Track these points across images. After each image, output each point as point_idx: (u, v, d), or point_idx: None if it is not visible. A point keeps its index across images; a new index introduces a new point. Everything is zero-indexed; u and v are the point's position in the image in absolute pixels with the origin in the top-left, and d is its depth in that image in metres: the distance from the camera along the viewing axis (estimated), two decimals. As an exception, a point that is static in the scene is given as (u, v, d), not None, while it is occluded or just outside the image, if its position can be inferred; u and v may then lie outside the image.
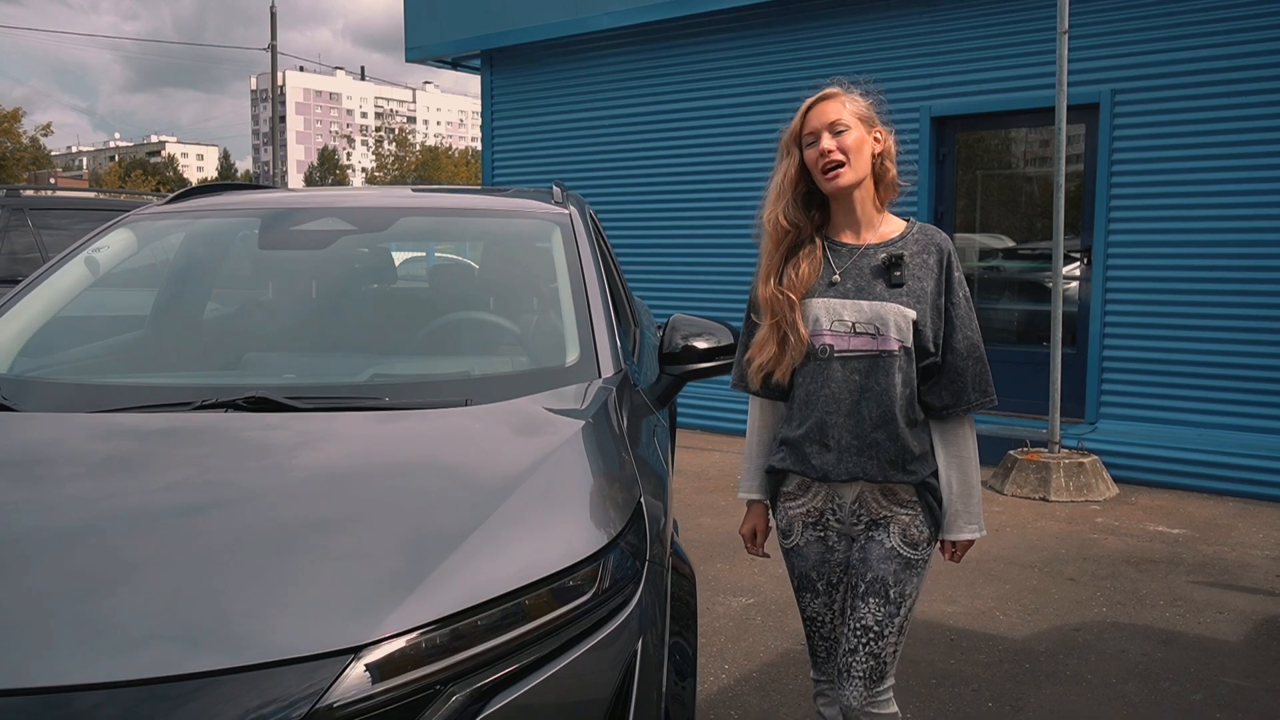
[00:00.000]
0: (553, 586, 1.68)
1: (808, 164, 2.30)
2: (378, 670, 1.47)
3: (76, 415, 2.23)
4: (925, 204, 7.94)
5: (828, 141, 2.25)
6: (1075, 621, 4.34)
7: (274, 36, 31.09)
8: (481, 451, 2.03)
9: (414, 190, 3.73)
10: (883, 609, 2.29)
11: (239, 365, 2.82)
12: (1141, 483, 6.69)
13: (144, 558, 1.62)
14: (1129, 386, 7.12)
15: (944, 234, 2.37)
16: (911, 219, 2.40)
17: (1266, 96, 6.52)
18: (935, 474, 2.34)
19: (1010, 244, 8.11)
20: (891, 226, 2.36)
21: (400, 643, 1.50)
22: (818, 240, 2.33)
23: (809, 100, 2.34)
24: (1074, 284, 7.42)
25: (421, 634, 1.52)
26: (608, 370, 2.54)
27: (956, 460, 2.34)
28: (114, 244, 3.10)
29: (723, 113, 9.06)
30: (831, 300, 2.28)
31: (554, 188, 3.53)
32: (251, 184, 4.19)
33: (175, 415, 2.20)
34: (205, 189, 3.55)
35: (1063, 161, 6.48)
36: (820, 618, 2.46)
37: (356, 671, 1.46)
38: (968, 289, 2.34)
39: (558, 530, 1.79)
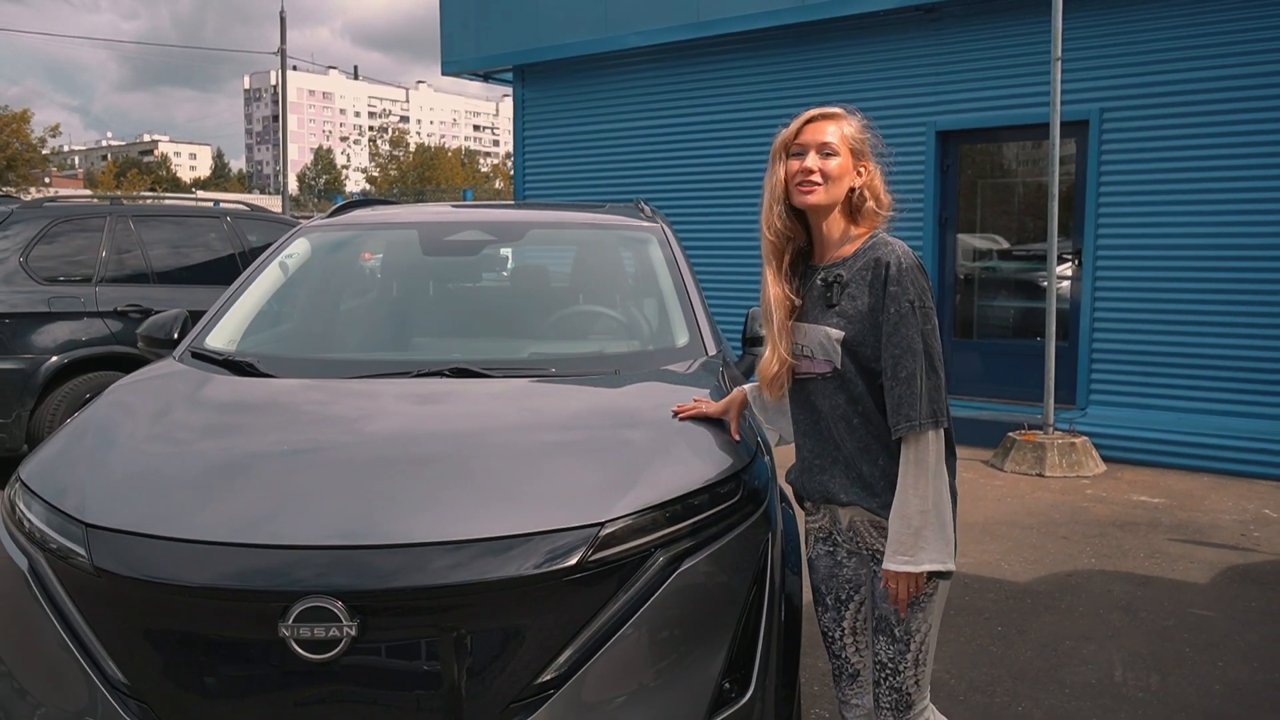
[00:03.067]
0: (714, 490, 2.43)
1: (787, 173, 2.32)
2: (614, 538, 2.22)
3: (330, 380, 2.98)
4: (930, 210, 8.72)
5: (812, 161, 2.28)
6: (1068, 569, 5.12)
7: (284, 40, 31.79)
8: (644, 403, 2.78)
9: (531, 208, 4.51)
10: (892, 646, 2.33)
11: (408, 347, 3.57)
12: (1126, 461, 7.48)
13: (447, 468, 2.37)
14: (1115, 376, 7.92)
15: (896, 245, 2.28)
16: (877, 233, 2.35)
17: (1240, 115, 7.31)
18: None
19: (1007, 246, 8.91)
20: (853, 244, 2.34)
21: (627, 520, 2.25)
22: (799, 259, 2.41)
23: (810, 112, 2.35)
24: (1066, 283, 8.21)
25: (638, 516, 2.27)
26: (711, 350, 3.29)
27: (903, 482, 2.22)
28: (297, 251, 3.85)
29: (741, 126, 9.83)
30: (795, 323, 2.36)
31: (641, 205, 4.28)
32: (384, 199, 4.97)
33: (405, 380, 2.94)
34: (353, 204, 4.32)
35: (1056, 173, 7.26)
36: (830, 633, 2.49)
37: (602, 537, 2.20)
38: (908, 303, 2.21)
39: (711, 454, 2.53)
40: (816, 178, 2.28)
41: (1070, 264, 8.22)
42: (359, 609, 2.05)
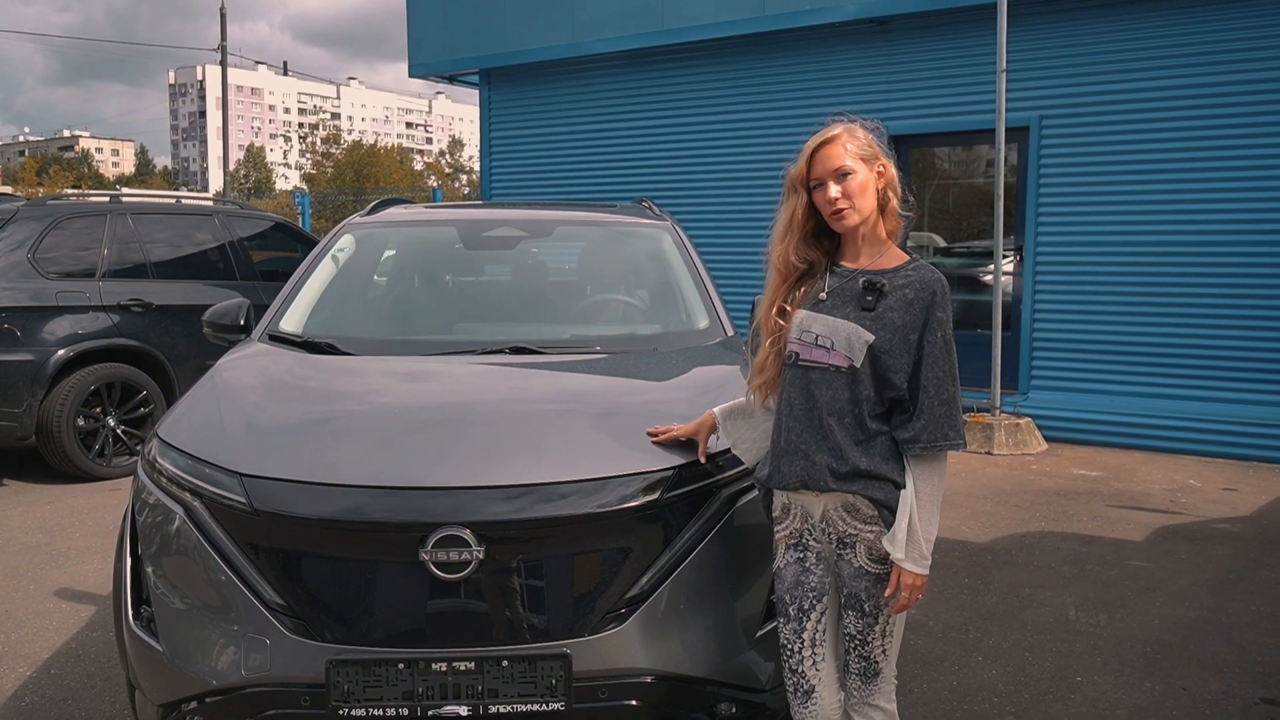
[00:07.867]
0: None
1: (817, 205, 2.42)
2: (686, 478, 2.68)
3: (408, 357, 3.40)
4: (883, 210, 9.32)
5: (834, 190, 2.36)
6: (1021, 531, 5.72)
7: (224, 36, 31.58)
8: (693, 373, 3.26)
9: (553, 208, 4.96)
10: (861, 620, 2.43)
11: (452, 330, 3.99)
12: (1066, 440, 8.17)
13: (545, 424, 2.80)
14: (1055, 362, 8.62)
15: (940, 276, 2.40)
16: (917, 257, 2.46)
17: (1165, 122, 8.03)
18: (894, 498, 2.36)
19: (954, 244, 9.57)
20: (891, 258, 2.43)
21: (695, 466, 2.72)
22: (825, 265, 2.49)
23: (812, 144, 2.42)
24: (1009, 278, 8.87)
25: (704, 461, 2.74)
26: (729, 331, 3.78)
27: (921, 496, 2.35)
28: (345, 246, 4.25)
29: (701, 129, 10.35)
30: (810, 314, 2.43)
31: (648, 205, 4.74)
32: (408, 199, 5.38)
33: (474, 357, 3.37)
34: (387, 202, 4.73)
35: (1001, 175, 7.90)
36: (790, 645, 2.52)
37: (678, 478, 2.67)
38: (951, 334, 2.37)
39: None
40: (844, 203, 2.37)
41: (1012, 259, 8.89)
42: (484, 537, 2.49)
